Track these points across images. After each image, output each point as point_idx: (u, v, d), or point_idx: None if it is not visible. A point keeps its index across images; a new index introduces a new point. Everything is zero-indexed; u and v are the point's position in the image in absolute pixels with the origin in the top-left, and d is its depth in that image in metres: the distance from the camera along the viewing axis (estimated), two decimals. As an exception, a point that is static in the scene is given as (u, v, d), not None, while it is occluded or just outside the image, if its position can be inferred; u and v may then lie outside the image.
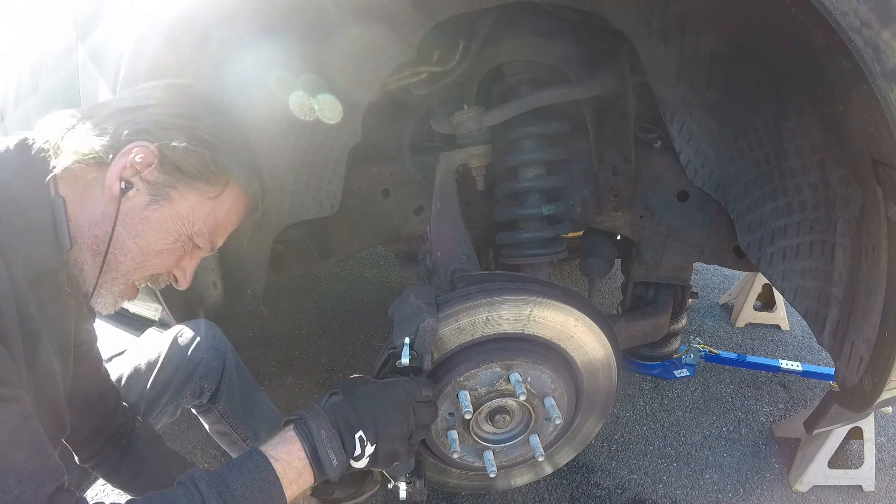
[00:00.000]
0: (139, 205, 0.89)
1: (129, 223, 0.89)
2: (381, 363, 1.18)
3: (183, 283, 1.01)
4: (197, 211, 0.94)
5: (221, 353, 1.42)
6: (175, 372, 1.35)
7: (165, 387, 1.35)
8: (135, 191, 0.88)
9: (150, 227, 0.91)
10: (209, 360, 1.39)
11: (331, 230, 1.74)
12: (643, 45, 1.25)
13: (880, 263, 1.03)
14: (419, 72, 1.39)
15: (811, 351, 2.46)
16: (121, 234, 0.89)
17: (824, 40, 0.86)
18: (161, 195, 0.90)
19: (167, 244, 0.93)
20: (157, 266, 0.95)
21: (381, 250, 3.18)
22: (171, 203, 0.91)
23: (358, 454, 0.95)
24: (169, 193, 0.91)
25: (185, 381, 1.37)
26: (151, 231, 0.91)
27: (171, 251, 0.95)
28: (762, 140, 1.28)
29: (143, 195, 0.89)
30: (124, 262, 0.91)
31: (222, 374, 1.43)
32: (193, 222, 0.94)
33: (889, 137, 0.86)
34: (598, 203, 1.62)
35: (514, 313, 1.22)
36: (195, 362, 1.37)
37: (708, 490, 1.79)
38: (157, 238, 0.92)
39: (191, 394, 1.39)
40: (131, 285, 0.96)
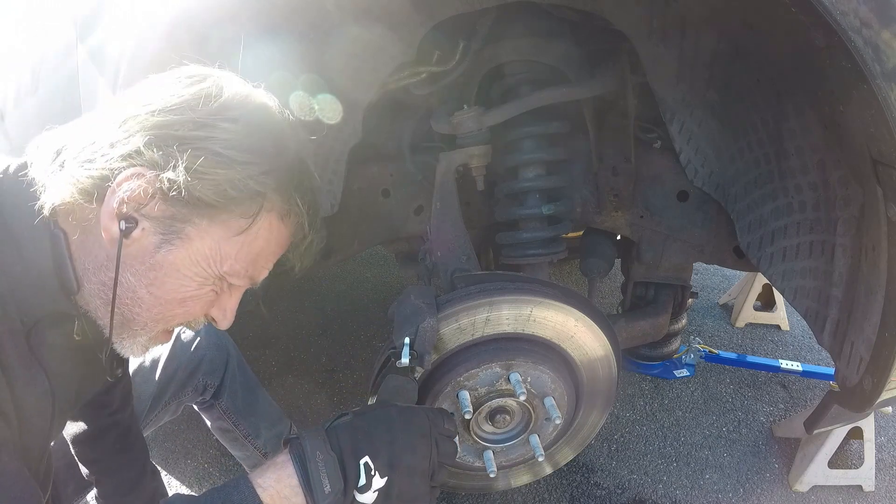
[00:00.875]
0: (148, 247, 0.72)
1: (139, 270, 0.73)
2: (381, 363, 1.18)
3: (224, 325, 0.85)
4: (224, 247, 0.76)
5: (224, 349, 1.42)
6: (178, 369, 1.34)
7: (168, 383, 1.34)
8: (140, 230, 0.71)
9: (165, 273, 0.74)
10: (212, 356, 1.39)
11: (331, 230, 1.74)
12: (643, 45, 1.25)
13: (880, 263, 1.03)
14: (419, 72, 1.39)
15: (811, 351, 2.46)
16: (130, 283, 0.74)
17: (824, 40, 0.86)
18: (173, 233, 0.72)
19: (191, 291, 0.77)
20: (182, 315, 0.79)
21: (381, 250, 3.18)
22: (188, 242, 0.73)
23: (363, 484, 0.80)
24: (183, 230, 0.73)
25: (187, 377, 1.36)
26: (168, 278, 0.74)
27: (197, 298, 0.78)
28: (762, 140, 1.28)
29: (152, 235, 0.72)
30: (140, 313, 0.76)
31: (225, 370, 1.42)
32: (222, 261, 0.76)
33: (889, 137, 0.86)
34: (598, 203, 1.62)
35: (514, 313, 1.22)
36: (198, 359, 1.37)
37: (708, 490, 1.79)
38: (177, 285, 0.75)
39: (193, 390, 1.38)
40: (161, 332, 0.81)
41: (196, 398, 1.42)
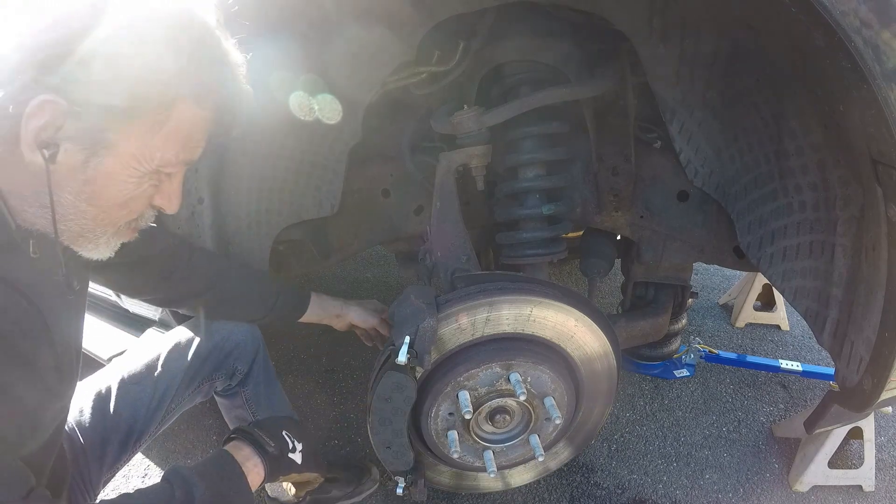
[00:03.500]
0: (76, 164, 0.74)
1: (75, 187, 0.75)
2: (381, 362, 1.19)
3: (172, 209, 0.88)
4: (150, 144, 0.77)
5: (257, 338, 1.45)
6: (213, 350, 1.36)
7: (202, 364, 1.35)
8: (63, 152, 0.72)
9: (101, 184, 0.76)
10: (246, 342, 1.41)
11: (331, 230, 1.74)
12: (643, 45, 1.25)
13: (880, 263, 1.03)
14: (419, 72, 1.39)
15: (811, 351, 2.46)
16: (70, 201, 0.76)
17: (824, 40, 0.86)
18: (96, 145, 0.73)
19: (130, 191, 0.79)
20: (127, 214, 0.83)
21: (381, 250, 3.18)
22: (113, 149, 0.75)
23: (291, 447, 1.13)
24: (105, 140, 0.73)
25: (222, 360, 1.38)
26: (104, 188, 0.77)
27: (138, 196, 0.81)
28: (762, 140, 1.28)
29: (76, 153, 0.73)
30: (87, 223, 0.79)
31: (254, 359, 1.45)
32: (152, 157, 0.78)
33: (889, 137, 0.86)
34: (598, 203, 1.62)
35: (514, 313, 1.22)
36: (233, 343, 1.39)
37: (708, 490, 1.78)
38: (115, 191, 0.78)
39: (225, 374, 1.41)
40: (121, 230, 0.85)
41: (225, 383, 1.43)
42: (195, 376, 1.34)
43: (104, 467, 1.21)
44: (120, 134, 0.74)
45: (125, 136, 0.74)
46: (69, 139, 0.72)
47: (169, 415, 1.31)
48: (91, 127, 0.72)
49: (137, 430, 1.24)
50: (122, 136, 0.74)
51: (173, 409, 1.32)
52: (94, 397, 1.21)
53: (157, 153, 0.78)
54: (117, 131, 0.74)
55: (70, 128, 0.71)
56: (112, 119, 0.72)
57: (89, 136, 0.73)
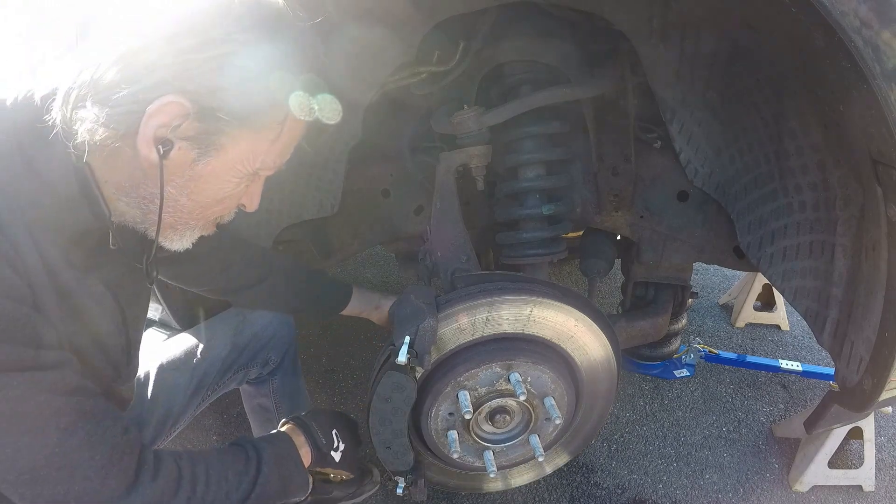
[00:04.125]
0: (185, 162, 0.77)
1: (179, 182, 0.79)
2: (381, 362, 1.19)
3: (253, 208, 0.93)
4: (256, 148, 0.81)
5: (291, 329, 1.50)
6: (251, 339, 1.41)
7: (241, 353, 1.40)
8: (176, 150, 0.75)
9: (204, 182, 0.80)
10: (282, 334, 1.46)
11: (331, 230, 1.74)
12: (643, 45, 1.25)
13: (880, 263, 1.03)
14: (419, 72, 1.39)
15: (811, 351, 2.46)
16: (171, 195, 0.80)
17: (824, 40, 0.86)
18: (209, 145, 0.77)
19: (228, 190, 0.84)
20: (219, 210, 0.88)
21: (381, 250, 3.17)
22: (223, 151, 0.78)
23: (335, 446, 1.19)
24: (217, 141, 0.77)
25: (259, 349, 1.43)
26: (207, 185, 0.81)
27: (233, 195, 0.86)
28: (762, 140, 1.28)
29: (188, 151, 0.76)
30: (182, 216, 0.84)
31: (287, 350, 1.50)
32: (255, 160, 0.82)
33: (889, 137, 0.86)
34: (598, 203, 1.62)
35: (514, 313, 1.22)
36: (270, 333, 1.44)
37: (708, 490, 1.79)
38: (216, 189, 0.82)
39: (259, 363, 1.45)
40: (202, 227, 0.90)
41: (258, 372, 1.47)
42: (232, 364, 1.39)
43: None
44: (232, 138, 0.77)
45: (236, 140, 0.78)
46: (185, 139, 0.75)
47: (205, 400, 1.37)
48: (208, 130, 0.75)
49: (174, 415, 1.28)
50: (234, 140, 0.77)
51: (209, 396, 1.37)
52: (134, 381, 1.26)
53: (260, 158, 0.82)
54: (231, 136, 0.77)
55: (188, 128, 0.74)
56: (229, 124, 0.75)
57: (204, 137, 0.76)
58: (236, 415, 2.05)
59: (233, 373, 1.40)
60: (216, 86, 0.72)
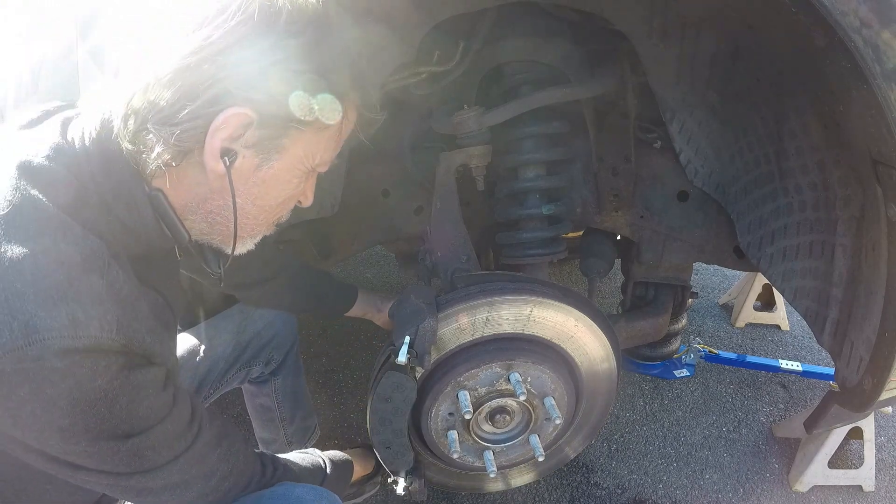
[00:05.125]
0: (248, 169, 0.78)
1: (244, 189, 0.80)
2: (381, 362, 1.19)
3: (309, 202, 0.94)
4: (315, 145, 0.82)
5: (293, 330, 1.52)
6: (253, 337, 1.42)
7: (243, 351, 1.42)
8: (240, 158, 0.76)
9: (268, 186, 0.81)
10: (285, 333, 1.48)
11: (331, 230, 1.74)
12: (643, 45, 1.25)
13: (880, 263, 1.03)
14: (419, 72, 1.39)
15: (811, 351, 2.46)
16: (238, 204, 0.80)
17: (824, 40, 0.86)
18: (271, 150, 0.78)
19: (289, 191, 0.85)
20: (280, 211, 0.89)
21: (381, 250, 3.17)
22: (284, 153, 0.79)
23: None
24: (279, 144, 0.78)
25: (261, 348, 1.45)
26: (271, 189, 0.82)
27: (294, 195, 0.87)
28: (762, 140, 1.28)
29: (251, 158, 0.77)
30: (248, 223, 0.85)
31: (289, 349, 1.51)
32: (314, 157, 0.83)
33: (889, 137, 0.86)
34: (598, 203, 1.62)
35: (513, 313, 1.22)
36: (273, 332, 1.46)
37: (708, 490, 1.78)
38: (279, 191, 0.84)
39: (262, 361, 1.46)
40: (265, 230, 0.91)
41: (260, 370, 1.49)
42: (235, 362, 1.41)
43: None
44: (293, 139, 0.78)
45: (296, 140, 0.79)
46: (249, 147, 0.75)
47: (207, 398, 1.38)
48: (270, 136, 0.76)
49: None
50: (294, 142, 0.78)
51: (211, 394, 1.39)
52: None
53: (319, 154, 0.83)
54: (292, 137, 0.78)
55: (251, 136, 0.74)
56: (289, 128, 0.76)
57: (267, 143, 0.76)
58: (236, 415, 2.05)
59: (235, 371, 1.41)
60: (276, 92, 0.72)
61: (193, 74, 0.69)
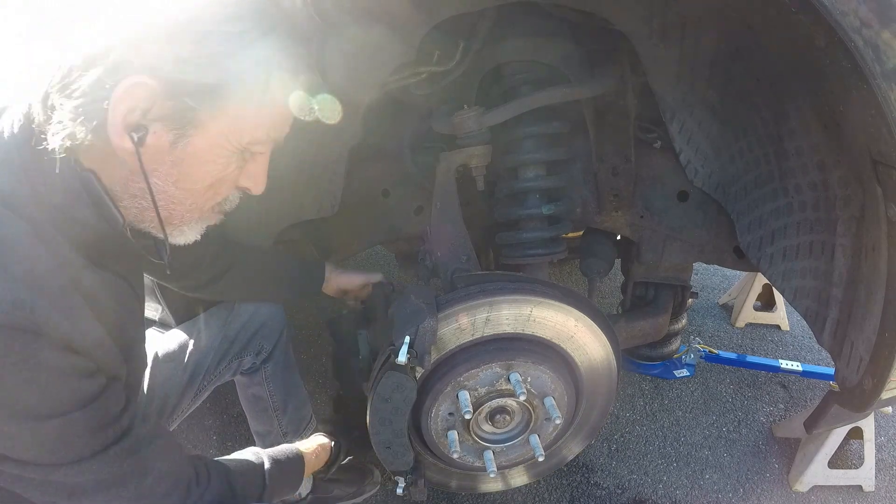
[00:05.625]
0: (164, 146, 0.72)
1: (162, 170, 0.74)
2: (381, 362, 1.18)
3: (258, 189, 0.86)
4: (240, 121, 0.74)
5: (282, 318, 1.51)
6: (241, 329, 1.42)
7: (232, 343, 1.41)
8: (152, 134, 0.70)
9: (188, 166, 0.74)
10: (272, 321, 1.47)
11: (331, 230, 1.74)
12: (643, 45, 1.25)
13: (880, 263, 1.03)
14: (419, 72, 1.39)
15: (811, 351, 2.46)
16: (158, 186, 0.74)
17: (824, 40, 0.86)
18: (185, 124, 0.71)
19: (217, 172, 0.77)
20: (213, 196, 0.82)
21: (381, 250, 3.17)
22: (202, 128, 0.72)
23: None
24: (194, 119, 0.71)
25: (249, 338, 1.44)
26: (192, 170, 0.75)
27: (224, 178, 0.79)
28: (762, 140, 1.28)
29: (164, 134, 0.71)
30: (176, 208, 0.78)
31: (279, 339, 1.51)
32: (242, 135, 0.76)
33: (889, 137, 0.86)
34: (598, 203, 1.62)
35: (514, 313, 1.22)
36: (259, 321, 1.45)
37: (708, 490, 1.79)
38: (203, 172, 0.76)
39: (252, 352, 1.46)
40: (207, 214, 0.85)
41: (251, 361, 1.48)
42: (225, 354, 1.40)
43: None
44: (210, 112, 0.71)
45: (215, 114, 0.72)
46: (158, 120, 0.69)
47: (201, 391, 1.38)
48: (182, 107, 0.69)
49: (170, 405, 1.30)
50: (212, 115, 0.72)
51: (205, 386, 1.39)
52: None
53: (248, 131, 0.76)
54: (207, 110, 0.71)
55: (159, 109, 0.68)
56: (203, 98, 0.70)
57: (179, 116, 0.70)
58: (236, 414, 2.05)
59: (227, 363, 1.41)
60: (180, 57, 0.66)
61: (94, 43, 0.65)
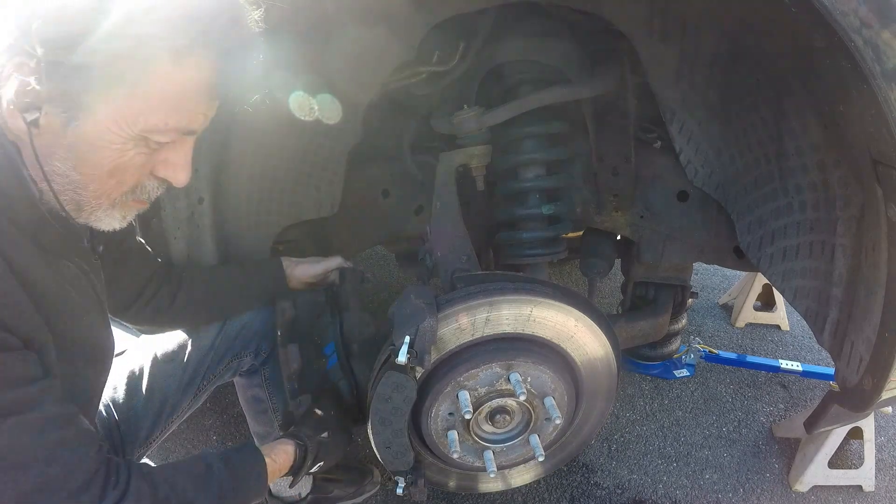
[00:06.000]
0: (57, 129, 0.71)
1: (61, 154, 0.73)
2: (381, 362, 1.19)
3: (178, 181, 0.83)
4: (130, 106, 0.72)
5: None
6: (241, 329, 1.41)
7: (232, 342, 1.40)
8: (44, 116, 0.70)
9: (82, 150, 0.73)
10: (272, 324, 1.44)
11: (331, 230, 1.74)
12: (643, 45, 1.25)
13: (880, 263, 1.03)
14: (419, 72, 1.39)
15: (811, 351, 2.46)
16: (60, 170, 0.74)
17: (824, 40, 0.86)
18: (74, 108, 0.70)
19: (114, 159, 0.75)
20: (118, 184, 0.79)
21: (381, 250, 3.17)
22: (90, 112, 0.71)
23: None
24: (82, 102, 0.70)
25: (249, 338, 1.43)
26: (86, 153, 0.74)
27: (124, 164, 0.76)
28: (762, 140, 1.28)
29: (55, 116, 0.70)
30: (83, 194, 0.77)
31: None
32: (134, 121, 0.73)
33: (889, 137, 0.86)
34: (598, 203, 1.62)
35: (514, 313, 1.22)
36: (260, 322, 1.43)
37: (708, 490, 1.79)
38: (98, 158, 0.74)
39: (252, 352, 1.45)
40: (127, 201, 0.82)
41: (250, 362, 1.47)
42: (225, 354, 1.39)
43: (137, 442, 1.25)
44: (96, 95, 0.70)
45: (102, 98, 0.71)
46: (48, 101, 0.70)
47: (201, 391, 1.37)
48: (67, 89, 0.69)
49: (170, 406, 1.29)
50: (100, 99, 0.71)
51: (204, 387, 1.37)
52: (128, 375, 1.25)
53: (140, 118, 0.73)
54: (94, 92, 0.70)
55: (46, 90, 0.68)
56: (86, 80, 0.69)
57: (66, 98, 0.70)
58: (236, 415, 2.05)
59: (226, 363, 1.41)
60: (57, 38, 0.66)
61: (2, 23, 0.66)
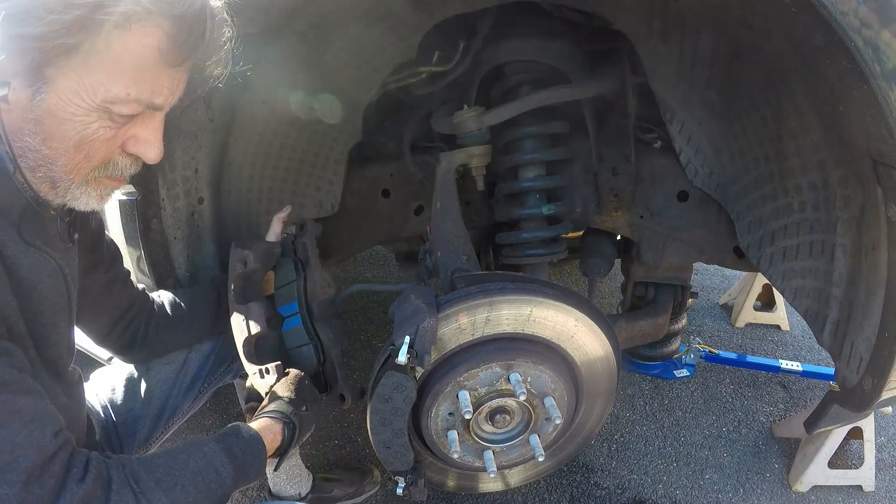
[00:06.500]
0: (26, 103, 0.73)
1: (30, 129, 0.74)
2: (381, 362, 1.19)
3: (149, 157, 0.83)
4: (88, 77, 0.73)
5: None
6: None
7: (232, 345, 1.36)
8: (12, 90, 0.72)
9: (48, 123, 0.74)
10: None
11: (331, 230, 1.74)
12: (643, 45, 1.25)
13: (880, 263, 1.03)
14: (419, 72, 1.40)
15: (811, 351, 2.46)
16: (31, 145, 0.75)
17: (824, 40, 0.86)
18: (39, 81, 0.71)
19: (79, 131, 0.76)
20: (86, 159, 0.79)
21: (381, 250, 3.18)
22: (53, 84, 0.72)
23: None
24: (45, 74, 0.71)
25: None
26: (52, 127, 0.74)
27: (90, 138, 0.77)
28: (762, 140, 1.28)
29: (22, 90, 0.72)
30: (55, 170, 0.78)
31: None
32: (94, 92, 0.74)
33: (889, 137, 0.86)
34: (598, 203, 1.62)
35: (514, 313, 1.22)
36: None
37: (708, 490, 1.79)
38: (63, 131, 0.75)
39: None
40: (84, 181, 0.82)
41: None
42: (225, 357, 1.39)
43: (136, 443, 1.24)
44: (58, 68, 0.71)
45: (62, 71, 0.72)
46: (15, 75, 0.71)
47: (201, 394, 1.36)
48: (30, 63, 0.70)
49: (170, 408, 1.28)
50: (60, 71, 0.72)
51: (205, 388, 1.37)
52: (127, 376, 1.25)
53: (100, 88, 0.74)
54: (56, 65, 0.71)
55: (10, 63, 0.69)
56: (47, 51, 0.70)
57: (30, 71, 0.71)
58: (236, 415, 2.05)
59: (227, 365, 1.41)
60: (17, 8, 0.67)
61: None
